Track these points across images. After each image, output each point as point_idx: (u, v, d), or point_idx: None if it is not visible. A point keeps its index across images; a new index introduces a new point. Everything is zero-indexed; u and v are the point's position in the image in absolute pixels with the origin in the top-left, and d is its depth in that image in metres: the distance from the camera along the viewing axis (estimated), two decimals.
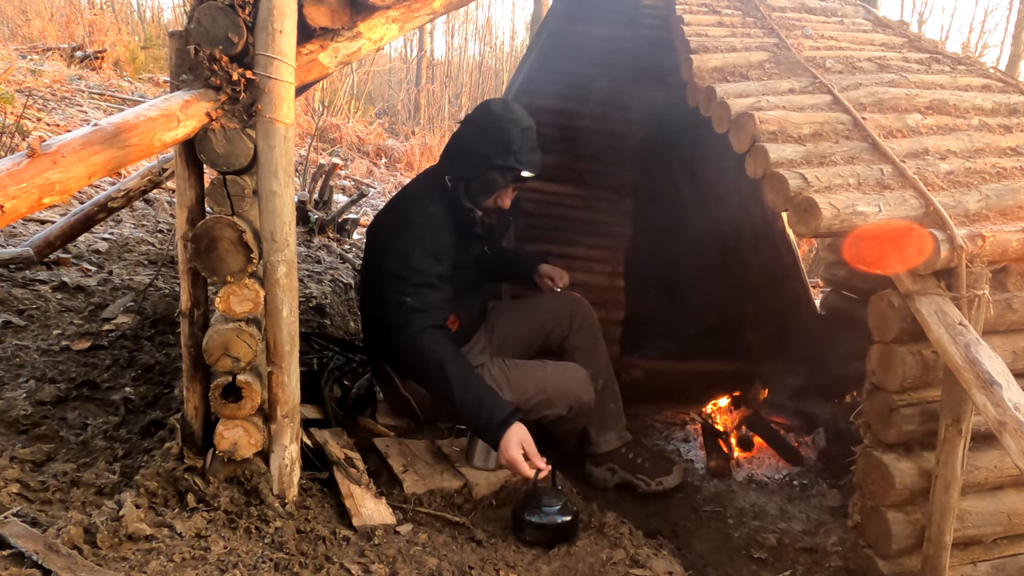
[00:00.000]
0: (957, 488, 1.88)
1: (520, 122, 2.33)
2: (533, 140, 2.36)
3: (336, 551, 1.73)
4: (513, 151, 2.30)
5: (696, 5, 2.73)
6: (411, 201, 2.43)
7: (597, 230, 4.07)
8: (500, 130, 2.31)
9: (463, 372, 2.19)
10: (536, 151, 2.37)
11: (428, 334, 2.22)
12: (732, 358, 3.96)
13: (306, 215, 5.49)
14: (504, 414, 2.12)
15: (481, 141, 2.33)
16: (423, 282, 2.25)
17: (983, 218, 1.94)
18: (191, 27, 1.65)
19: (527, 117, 2.38)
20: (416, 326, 2.21)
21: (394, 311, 2.25)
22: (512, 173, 2.33)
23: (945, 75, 2.56)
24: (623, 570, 1.93)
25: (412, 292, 2.24)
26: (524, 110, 2.41)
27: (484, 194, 2.37)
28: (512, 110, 2.37)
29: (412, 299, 2.23)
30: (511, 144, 2.29)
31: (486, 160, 2.31)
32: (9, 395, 2.28)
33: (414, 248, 2.28)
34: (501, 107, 2.38)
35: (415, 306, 2.23)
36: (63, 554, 1.47)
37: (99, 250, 3.89)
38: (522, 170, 2.32)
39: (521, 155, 2.31)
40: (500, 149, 2.30)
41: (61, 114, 6.34)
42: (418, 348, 2.21)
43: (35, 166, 1.34)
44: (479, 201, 2.38)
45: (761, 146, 2.03)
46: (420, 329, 2.21)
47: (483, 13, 20.58)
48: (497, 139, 2.30)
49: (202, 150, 1.70)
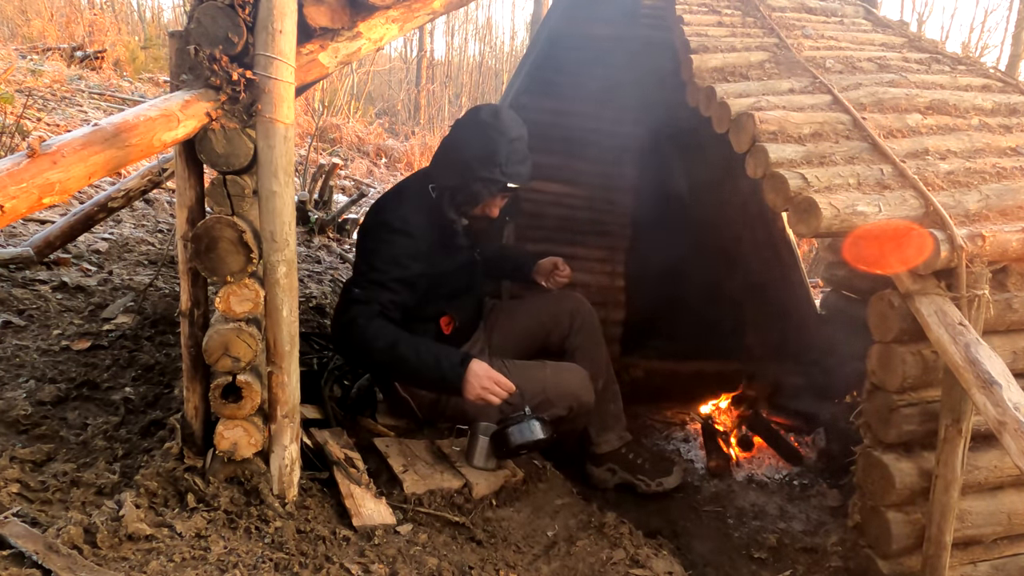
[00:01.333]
0: (957, 488, 1.88)
1: (508, 132, 2.26)
2: (522, 151, 2.30)
3: (336, 551, 1.73)
4: (499, 163, 2.24)
5: (696, 5, 2.73)
6: (394, 203, 2.40)
7: (597, 230, 4.06)
8: (487, 140, 2.25)
9: (411, 339, 2.21)
10: (525, 162, 2.31)
11: (373, 321, 2.20)
12: (732, 358, 3.96)
13: (306, 215, 5.49)
14: (460, 355, 2.19)
15: (466, 151, 2.28)
16: (377, 280, 2.24)
17: (983, 218, 1.94)
18: (191, 27, 1.65)
19: (518, 126, 2.31)
20: (359, 316, 2.20)
21: (342, 302, 2.28)
22: (497, 185, 2.28)
23: (945, 75, 2.56)
24: (623, 570, 1.93)
25: (364, 286, 2.24)
26: (515, 117, 2.34)
27: (469, 205, 2.33)
28: (501, 119, 2.29)
29: (360, 291, 2.23)
30: (497, 155, 2.24)
31: (471, 171, 2.26)
32: (9, 395, 2.28)
33: (380, 248, 2.27)
34: (490, 115, 2.31)
35: (361, 299, 2.22)
36: (63, 554, 1.47)
37: (99, 250, 3.89)
38: (508, 182, 2.27)
39: (508, 167, 2.25)
40: (485, 160, 2.24)
41: (61, 114, 6.34)
42: (361, 333, 2.19)
43: (35, 166, 1.34)
44: (465, 211, 2.35)
45: (761, 146, 2.03)
46: (363, 317, 2.20)
47: (483, 13, 20.61)
48: (482, 150, 2.25)
49: (202, 150, 1.70)
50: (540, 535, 2.08)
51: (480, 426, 2.28)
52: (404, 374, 2.26)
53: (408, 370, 2.21)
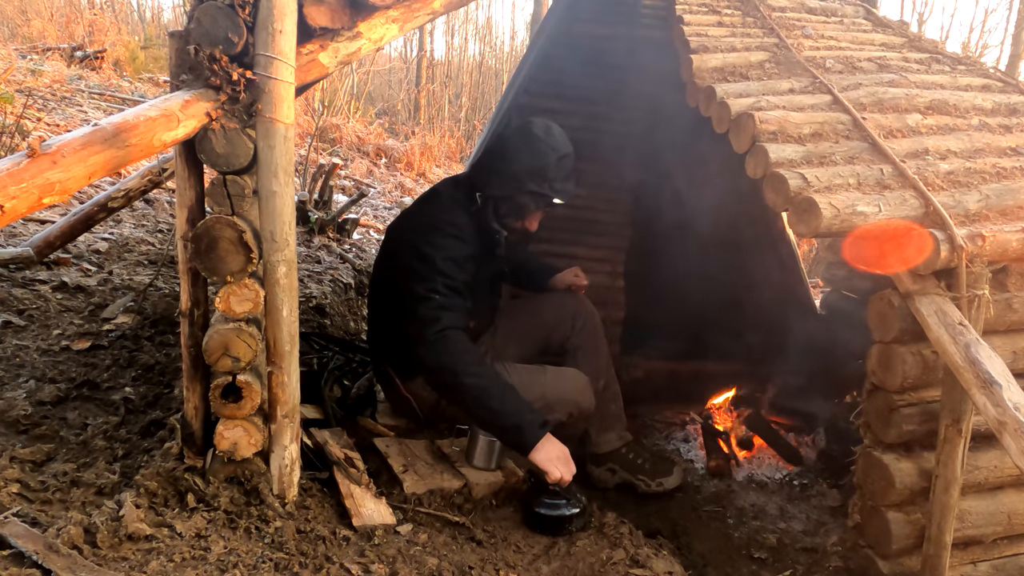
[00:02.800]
0: (957, 488, 1.88)
1: (559, 148, 2.30)
2: (568, 167, 2.34)
3: (336, 551, 1.73)
4: (548, 178, 2.27)
5: (696, 5, 2.73)
6: (441, 209, 2.37)
7: (597, 230, 4.06)
8: (538, 155, 2.27)
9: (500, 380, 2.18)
10: (570, 179, 2.35)
11: (458, 333, 2.18)
12: (732, 358, 3.95)
13: (306, 215, 5.49)
14: (542, 419, 2.15)
15: (516, 164, 2.29)
16: (451, 285, 2.22)
17: (983, 218, 1.94)
18: (191, 27, 1.65)
19: (567, 143, 2.34)
20: (446, 322, 2.16)
21: (424, 306, 2.18)
22: (545, 200, 2.31)
23: (945, 75, 2.57)
24: (623, 570, 1.93)
25: (441, 291, 2.20)
26: (564, 134, 2.36)
27: (513, 216, 2.35)
28: (553, 135, 2.32)
29: (441, 297, 2.19)
30: (547, 171, 2.27)
31: (520, 184, 2.28)
32: (9, 395, 2.28)
33: (441, 253, 2.24)
34: (543, 130, 2.33)
35: (444, 304, 2.19)
36: (63, 554, 1.47)
37: (99, 250, 3.88)
38: (555, 198, 2.30)
39: (556, 183, 2.29)
40: (536, 175, 2.27)
41: (61, 114, 6.34)
42: (449, 345, 2.15)
43: (35, 166, 1.34)
44: (507, 223, 2.36)
45: (761, 146, 2.04)
46: (450, 326, 2.17)
47: (483, 13, 20.56)
48: (533, 164, 2.27)
49: (202, 150, 1.70)
50: (540, 535, 2.09)
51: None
52: (475, 407, 2.17)
53: (484, 407, 2.14)
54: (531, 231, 2.45)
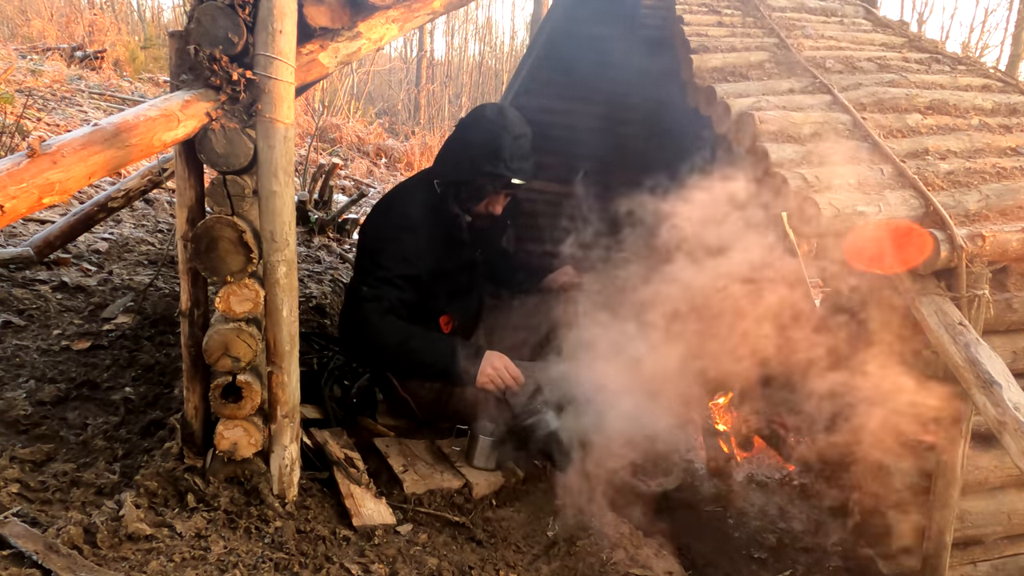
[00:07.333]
0: (957, 488, 1.88)
1: (512, 129, 2.31)
2: (526, 147, 2.34)
3: (336, 551, 1.73)
4: (503, 158, 2.28)
5: (696, 5, 2.73)
6: (397, 201, 2.44)
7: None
8: (491, 136, 2.29)
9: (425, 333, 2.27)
10: (528, 158, 2.35)
11: (384, 318, 2.23)
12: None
13: (306, 215, 5.49)
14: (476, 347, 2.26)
15: (471, 147, 2.32)
16: (384, 278, 2.27)
17: (983, 218, 1.94)
18: (191, 27, 1.65)
19: (522, 124, 2.35)
20: (370, 314, 2.23)
21: (350, 301, 2.29)
22: (501, 180, 2.32)
23: (945, 75, 2.56)
24: (623, 570, 1.93)
25: (371, 284, 2.26)
26: (520, 116, 2.38)
27: (473, 200, 2.37)
28: (506, 116, 2.34)
29: (368, 289, 2.25)
30: (501, 151, 2.28)
31: (475, 167, 2.30)
32: (9, 395, 2.28)
33: (385, 246, 2.30)
34: (495, 113, 2.36)
35: (370, 296, 2.24)
36: (63, 554, 1.47)
37: (99, 250, 3.88)
38: (512, 178, 2.31)
39: (512, 163, 2.30)
40: (490, 156, 2.28)
41: (61, 114, 6.34)
42: (367, 326, 2.23)
43: (35, 166, 1.34)
44: (469, 207, 2.37)
45: (761, 146, 2.03)
46: (374, 314, 2.23)
47: (483, 13, 20.59)
48: (487, 146, 2.29)
49: (202, 150, 1.70)
50: (540, 535, 2.08)
51: (480, 426, 2.28)
52: (416, 367, 2.28)
53: (421, 362, 2.24)
54: (496, 215, 2.46)
